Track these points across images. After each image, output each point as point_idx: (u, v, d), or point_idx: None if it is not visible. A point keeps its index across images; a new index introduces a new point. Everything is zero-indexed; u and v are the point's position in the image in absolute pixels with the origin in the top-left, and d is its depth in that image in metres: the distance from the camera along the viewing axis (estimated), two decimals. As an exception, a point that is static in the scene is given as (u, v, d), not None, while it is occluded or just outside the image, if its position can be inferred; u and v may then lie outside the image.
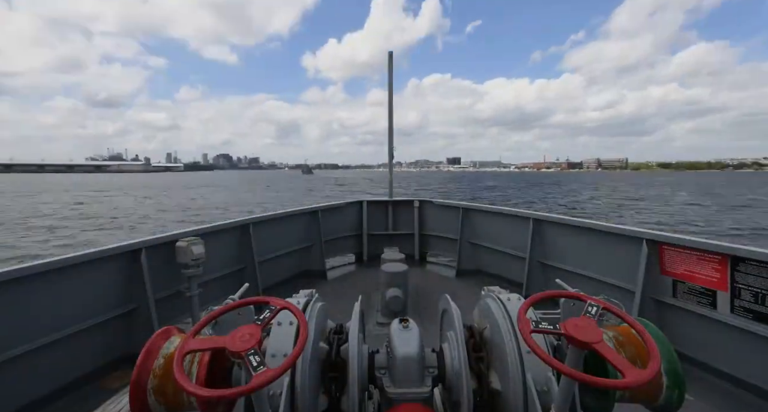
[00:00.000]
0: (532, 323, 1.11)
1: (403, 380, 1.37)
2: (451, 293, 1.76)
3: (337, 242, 5.95)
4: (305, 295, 1.71)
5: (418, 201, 6.23)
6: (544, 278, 4.39)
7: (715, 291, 2.79)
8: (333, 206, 5.89)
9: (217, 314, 1.25)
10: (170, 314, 3.38)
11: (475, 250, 5.46)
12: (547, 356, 1.03)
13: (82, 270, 2.78)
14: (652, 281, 3.18)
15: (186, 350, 1.06)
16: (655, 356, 0.98)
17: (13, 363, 2.35)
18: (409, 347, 1.39)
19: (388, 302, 3.75)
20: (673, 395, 1.23)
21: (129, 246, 3.09)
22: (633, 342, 1.29)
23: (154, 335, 1.31)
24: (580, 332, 1.03)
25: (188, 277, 3.35)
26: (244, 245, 4.41)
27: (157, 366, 1.23)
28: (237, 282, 4.24)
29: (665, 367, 1.23)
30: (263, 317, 1.15)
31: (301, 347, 1.08)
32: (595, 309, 1.14)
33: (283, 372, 0.98)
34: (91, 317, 2.83)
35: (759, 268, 2.53)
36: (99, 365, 2.89)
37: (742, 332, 2.61)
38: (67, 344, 2.65)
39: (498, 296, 1.62)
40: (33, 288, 2.49)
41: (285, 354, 1.31)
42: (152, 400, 1.21)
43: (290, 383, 1.28)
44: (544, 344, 1.36)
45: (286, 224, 5.14)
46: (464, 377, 1.35)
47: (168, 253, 3.33)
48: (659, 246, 3.14)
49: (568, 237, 4.09)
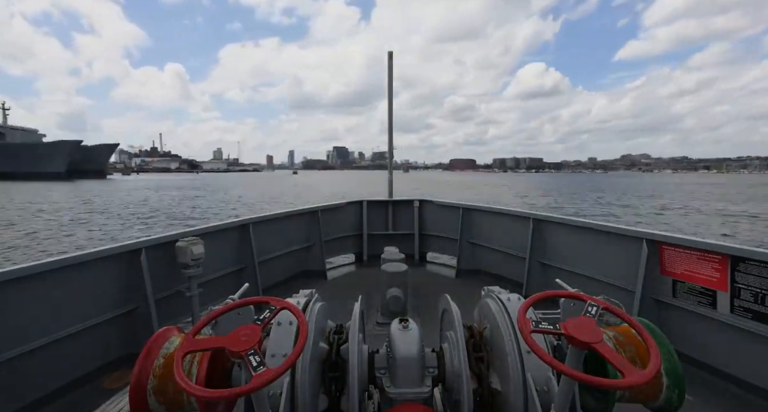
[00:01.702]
0: (532, 323, 1.11)
1: (403, 380, 1.37)
2: (451, 293, 1.76)
3: (337, 242, 5.95)
4: (305, 295, 1.71)
5: (418, 201, 6.23)
6: (544, 278, 4.39)
7: (715, 291, 2.79)
8: (333, 205, 5.90)
9: (217, 314, 1.25)
10: (170, 314, 3.38)
11: (475, 250, 5.46)
12: (547, 356, 1.03)
13: (82, 270, 2.78)
14: (652, 281, 3.18)
15: (186, 350, 1.06)
16: (655, 356, 0.98)
17: (13, 363, 2.36)
18: (409, 347, 1.39)
19: (388, 302, 3.75)
20: (673, 395, 1.23)
21: (129, 246, 3.09)
22: (633, 342, 1.29)
23: (154, 335, 1.31)
24: (580, 332, 1.04)
25: (188, 277, 3.35)
26: (244, 245, 4.41)
27: (157, 366, 1.23)
28: (237, 282, 4.24)
29: (665, 367, 1.23)
30: (263, 317, 1.16)
31: (301, 347, 1.09)
32: (595, 309, 1.14)
33: (283, 372, 0.98)
34: (91, 317, 2.83)
35: (759, 268, 2.53)
36: (99, 365, 2.89)
37: (742, 332, 2.61)
38: (67, 344, 2.65)
39: (498, 296, 1.62)
40: (33, 288, 2.49)
41: (285, 354, 1.31)
42: (152, 400, 1.21)
43: (290, 383, 1.28)
44: (544, 344, 1.36)
45: (286, 224, 5.14)
46: (464, 377, 1.35)
47: (168, 253, 3.33)
48: (659, 246, 3.14)
49: (568, 237, 4.09)
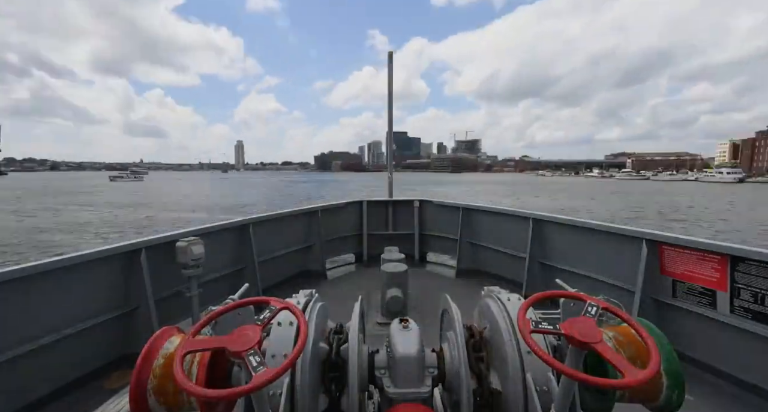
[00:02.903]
0: (532, 323, 1.11)
1: (403, 380, 1.37)
2: (451, 293, 1.76)
3: (337, 242, 5.95)
4: (305, 295, 1.71)
5: (418, 201, 6.23)
6: (544, 278, 4.39)
7: (714, 291, 2.79)
8: (333, 205, 5.90)
9: (217, 314, 1.25)
10: (170, 314, 3.38)
11: (475, 250, 5.46)
12: (547, 356, 1.03)
13: (82, 270, 2.78)
14: (652, 281, 3.18)
15: (186, 350, 1.06)
16: (654, 356, 0.98)
17: (14, 363, 2.36)
18: (409, 347, 1.39)
19: (388, 302, 3.75)
20: (673, 395, 1.23)
21: (129, 246, 3.09)
22: (633, 342, 1.29)
23: (154, 335, 1.31)
24: (580, 332, 1.04)
25: (188, 277, 3.35)
26: (244, 245, 4.41)
27: (157, 366, 1.23)
28: (237, 282, 4.24)
29: (665, 367, 1.23)
30: (263, 317, 1.16)
31: (301, 347, 1.09)
32: (595, 309, 1.14)
33: (283, 372, 0.98)
34: (91, 317, 2.83)
35: (759, 268, 2.53)
36: (99, 365, 2.89)
37: (742, 332, 2.61)
38: (67, 344, 2.65)
39: (498, 296, 1.62)
40: (33, 288, 2.49)
41: (285, 354, 1.31)
42: (152, 400, 1.21)
43: (290, 383, 1.28)
44: (544, 344, 1.36)
45: (286, 224, 5.14)
46: (464, 377, 1.35)
47: (168, 253, 3.33)
48: (659, 246, 3.14)
49: (568, 237, 4.09)
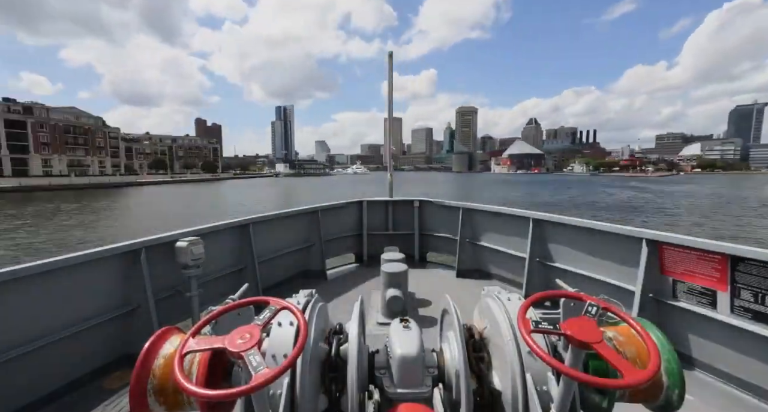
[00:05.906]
0: (532, 323, 1.11)
1: (403, 380, 1.37)
2: (451, 293, 1.76)
3: (337, 242, 5.95)
4: (305, 295, 1.71)
5: (418, 201, 6.23)
6: (544, 278, 4.39)
7: (714, 291, 2.79)
8: (333, 205, 5.89)
9: (217, 314, 1.25)
10: (170, 314, 3.38)
11: (475, 250, 5.45)
12: (547, 356, 1.03)
13: (82, 270, 2.78)
14: (652, 281, 3.18)
15: (186, 350, 1.06)
16: (654, 356, 0.98)
17: (13, 363, 2.36)
18: (409, 347, 1.39)
19: (388, 302, 3.75)
20: (673, 395, 1.23)
21: (128, 246, 3.09)
22: (633, 342, 1.29)
23: (154, 335, 1.31)
24: (580, 332, 1.04)
25: (188, 277, 3.35)
26: (244, 245, 4.41)
27: (157, 366, 1.23)
28: (237, 282, 4.24)
29: (665, 367, 1.23)
30: (263, 318, 1.16)
31: (301, 347, 1.09)
32: (595, 309, 1.14)
33: (283, 372, 0.98)
34: (91, 317, 2.83)
35: (759, 268, 2.53)
36: (99, 365, 2.89)
37: (742, 332, 2.61)
38: (67, 344, 2.65)
39: (498, 296, 1.62)
40: (33, 288, 2.49)
41: (285, 354, 1.31)
42: (152, 400, 1.21)
43: (290, 383, 1.28)
44: (544, 344, 1.36)
45: (286, 224, 5.14)
46: (464, 377, 1.35)
47: (168, 253, 3.33)
48: (659, 246, 3.14)
49: (568, 237, 4.09)
